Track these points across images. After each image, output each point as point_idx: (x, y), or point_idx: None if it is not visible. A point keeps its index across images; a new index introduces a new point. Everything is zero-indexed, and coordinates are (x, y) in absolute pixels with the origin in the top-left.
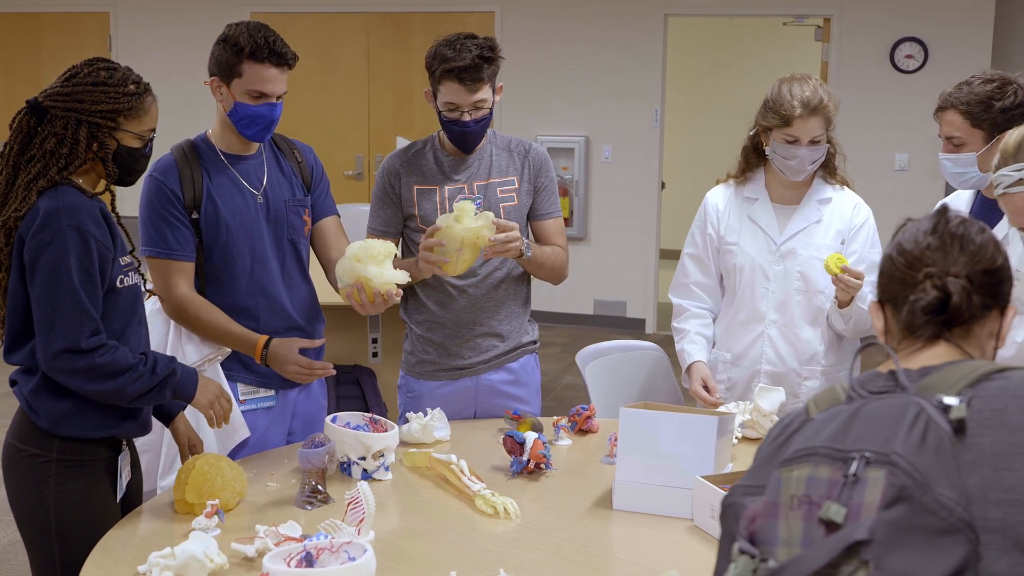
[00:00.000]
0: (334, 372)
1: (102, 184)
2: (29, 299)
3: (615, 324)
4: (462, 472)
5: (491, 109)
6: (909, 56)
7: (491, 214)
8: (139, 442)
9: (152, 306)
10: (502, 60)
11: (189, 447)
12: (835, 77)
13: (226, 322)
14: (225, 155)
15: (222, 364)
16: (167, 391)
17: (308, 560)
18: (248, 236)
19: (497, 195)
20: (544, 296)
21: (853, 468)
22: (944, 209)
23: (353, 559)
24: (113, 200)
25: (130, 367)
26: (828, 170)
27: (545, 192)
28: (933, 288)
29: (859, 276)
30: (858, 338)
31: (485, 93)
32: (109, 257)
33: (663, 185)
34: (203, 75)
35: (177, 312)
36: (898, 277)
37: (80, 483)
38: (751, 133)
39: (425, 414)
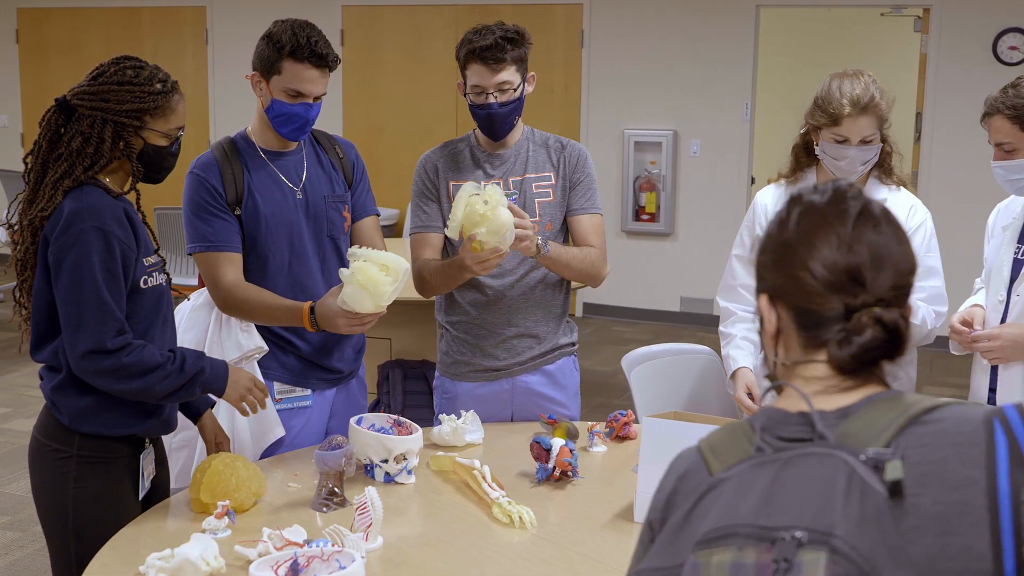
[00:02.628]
0: (384, 311)
1: (130, 182)
2: (54, 299)
3: (701, 322)
4: (483, 478)
5: (520, 95)
6: (1013, 48)
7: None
8: (175, 439)
9: (193, 302)
10: (529, 47)
11: (216, 444)
12: (934, 70)
13: (272, 298)
14: (264, 151)
15: (259, 362)
16: (196, 388)
17: (295, 568)
18: (287, 232)
19: (532, 190)
20: (630, 292)
21: (784, 551)
22: (848, 189)
23: (343, 567)
24: (138, 199)
25: (157, 366)
26: (884, 170)
27: (581, 187)
28: (872, 326)
29: None
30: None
31: (509, 75)
32: (132, 257)
33: (753, 180)
34: None
35: (226, 301)
36: (795, 277)
37: (99, 480)
38: (802, 131)
39: (458, 416)
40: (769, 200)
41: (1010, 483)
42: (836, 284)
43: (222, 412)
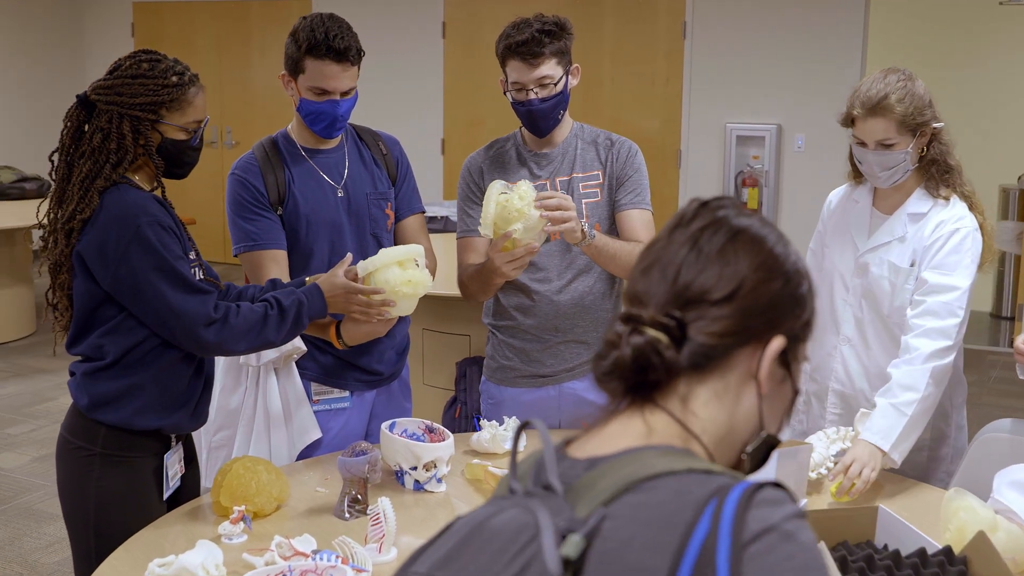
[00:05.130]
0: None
1: (155, 178)
2: (96, 296)
3: None
4: None
5: (563, 90)
6: None
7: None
8: (214, 438)
9: None
10: (570, 38)
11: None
12: None
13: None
14: (305, 149)
15: (297, 363)
16: (304, 320)
17: None
18: (328, 230)
19: (580, 190)
20: None
21: None
22: (715, 201)
23: None
24: (164, 194)
25: (262, 318)
26: (931, 180)
27: (630, 183)
28: (616, 347)
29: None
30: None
31: (549, 69)
32: (181, 236)
33: None
34: (403, 59)
35: None
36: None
37: (123, 480)
38: None
39: (501, 422)
40: (834, 198)
41: None
42: (631, 300)
43: (259, 412)
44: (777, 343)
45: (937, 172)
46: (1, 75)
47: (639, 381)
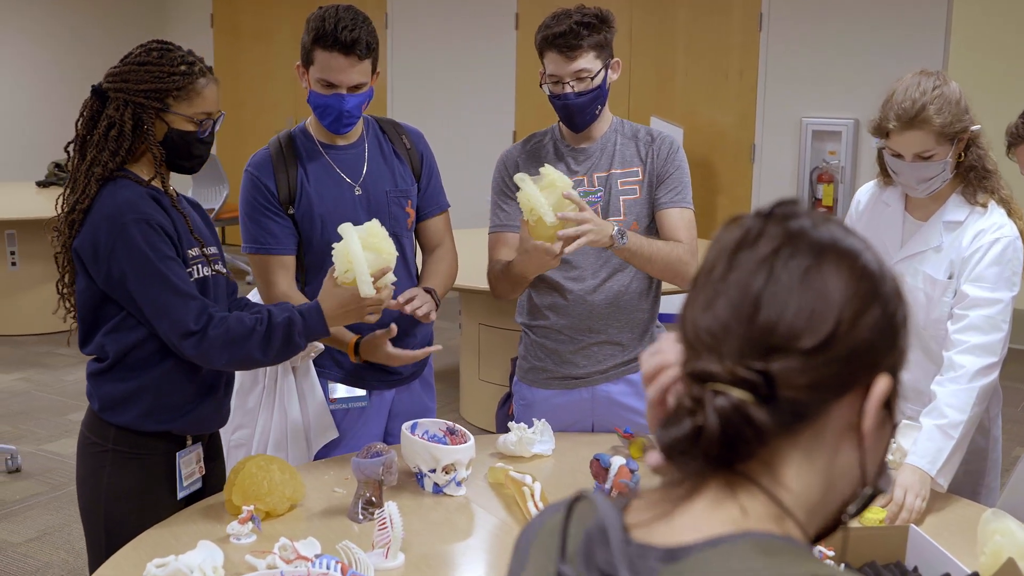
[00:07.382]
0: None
1: (158, 169)
2: (95, 294)
3: None
4: (531, 495)
5: (602, 84)
6: None
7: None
8: (232, 438)
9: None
10: (611, 32)
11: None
12: None
13: None
14: (323, 145)
15: (315, 361)
16: (297, 340)
17: None
18: None
19: (618, 187)
20: None
21: None
22: (782, 212)
23: None
24: (164, 185)
25: (248, 332)
26: (968, 187)
27: (670, 180)
28: (689, 414)
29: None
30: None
31: (587, 62)
32: (175, 236)
33: None
34: (475, 51)
35: None
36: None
37: (133, 477)
38: None
39: (530, 425)
40: (864, 197)
41: None
42: (693, 346)
43: (277, 411)
44: (882, 386)
45: (975, 178)
46: (81, 67)
47: (724, 454)
